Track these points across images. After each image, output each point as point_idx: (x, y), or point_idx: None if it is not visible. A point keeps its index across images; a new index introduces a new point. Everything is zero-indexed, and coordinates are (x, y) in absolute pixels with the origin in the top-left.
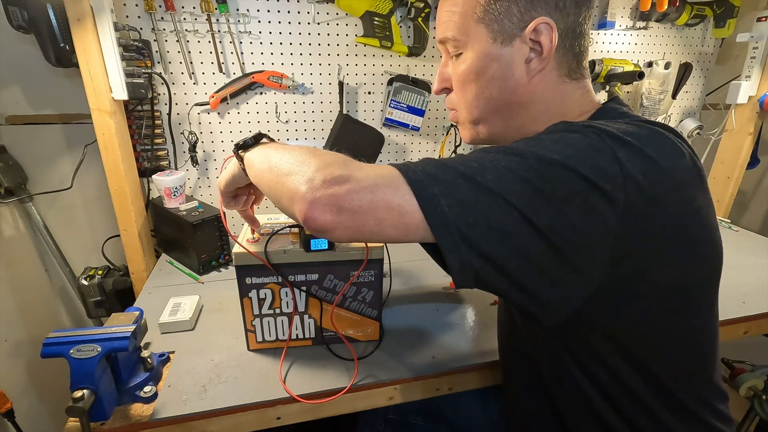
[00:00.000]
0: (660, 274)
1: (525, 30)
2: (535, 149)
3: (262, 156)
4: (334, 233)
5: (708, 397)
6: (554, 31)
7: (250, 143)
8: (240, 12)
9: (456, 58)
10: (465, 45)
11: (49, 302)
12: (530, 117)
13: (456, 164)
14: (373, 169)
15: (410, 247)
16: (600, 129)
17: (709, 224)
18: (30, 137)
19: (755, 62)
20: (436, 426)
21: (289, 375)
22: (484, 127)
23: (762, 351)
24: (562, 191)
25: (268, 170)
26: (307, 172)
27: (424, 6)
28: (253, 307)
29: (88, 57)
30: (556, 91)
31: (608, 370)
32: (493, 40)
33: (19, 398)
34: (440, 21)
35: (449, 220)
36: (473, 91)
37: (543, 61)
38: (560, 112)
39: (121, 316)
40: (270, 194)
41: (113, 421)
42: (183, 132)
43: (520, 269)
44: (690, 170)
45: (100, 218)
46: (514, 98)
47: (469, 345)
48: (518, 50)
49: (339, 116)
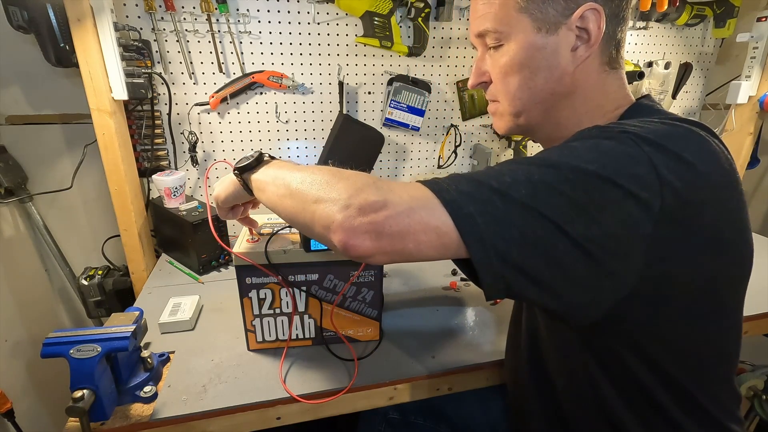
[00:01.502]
0: (693, 276)
1: (571, 17)
2: (569, 159)
3: (275, 179)
4: (374, 258)
5: (725, 399)
6: (602, 17)
7: (252, 165)
8: (240, 12)
9: (495, 51)
10: (507, 36)
11: (49, 302)
12: (571, 108)
13: (489, 179)
14: (406, 190)
15: None
16: (636, 135)
17: (743, 225)
18: (30, 137)
19: (755, 62)
20: (436, 425)
21: (289, 375)
22: (524, 118)
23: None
24: (597, 201)
25: (288, 196)
26: (340, 198)
27: (424, 6)
28: (253, 307)
29: (88, 57)
30: (597, 81)
31: (628, 370)
32: (537, 30)
33: (19, 398)
34: (476, 14)
35: (485, 237)
36: (516, 82)
37: (590, 48)
38: (599, 103)
39: (121, 316)
40: (293, 220)
41: (113, 421)
42: (183, 132)
43: (554, 278)
44: (726, 172)
45: (100, 218)
46: (558, 88)
47: (469, 345)
48: (564, 38)
49: (339, 116)
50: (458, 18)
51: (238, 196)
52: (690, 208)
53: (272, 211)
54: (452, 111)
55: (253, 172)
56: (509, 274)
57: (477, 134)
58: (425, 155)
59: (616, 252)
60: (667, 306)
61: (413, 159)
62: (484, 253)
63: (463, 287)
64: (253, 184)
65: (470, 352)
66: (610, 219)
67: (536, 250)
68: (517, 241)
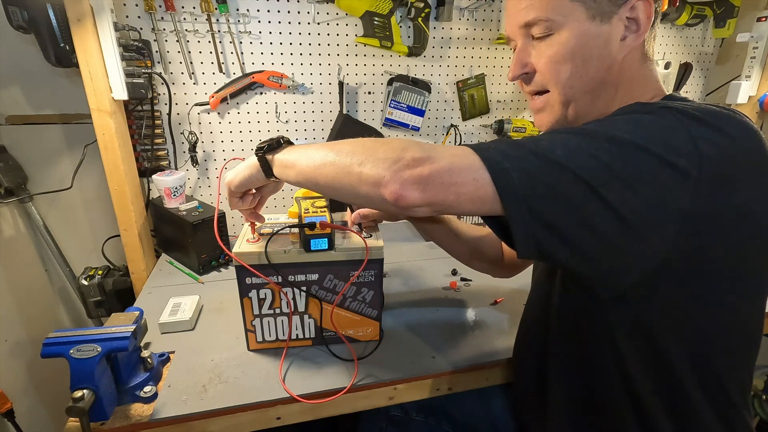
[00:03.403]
0: (725, 254)
1: (623, 7)
2: (606, 129)
3: (305, 155)
4: (420, 209)
5: (746, 385)
6: (652, 7)
7: (275, 146)
8: (240, 12)
9: (541, 41)
10: (560, 25)
11: (49, 302)
12: (616, 97)
13: (527, 143)
14: (448, 149)
15: (410, 247)
16: (676, 109)
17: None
18: (30, 137)
19: (755, 62)
20: (438, 423)
21: (289, 375)
22: (573, 108)
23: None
24: (632, 168)
25: (327, 165)
26: (387, 157)
27: (424, 6)
28: (253, 307)
29: (88, 57)
30: (639, 70)
31: (656, 350)
32: (591, 19)
33: (19, 398)
34: (521, 4)
35: (519, 192)
36: (569, 70)
37: (638, 38)
38: (640, 92)
39: (121, 316)
40: (333, 185)
41: (113, 421)
42: (183, 132)
43: (585, 239)
44: (766, 157)
45: (100, 218)
46: (608, 77)
47: (469, 345)
48: (615, 28)
49: (339, 116)
50: (458, 18)
51: (254, 180)
52: (727, 184)
53: (301, 186)
54: (452, 111)
55: (277, 152)
56: (540, 232)
57: (477, 134)
58: None
59: (650, 219)
60: (699, 282)
61: None
62: (516, 206)
63: (463, 287)
64: (276, 163)
65: (470, 352)
66: (646, 187)
67: (569, 208)
68: (550, 199)
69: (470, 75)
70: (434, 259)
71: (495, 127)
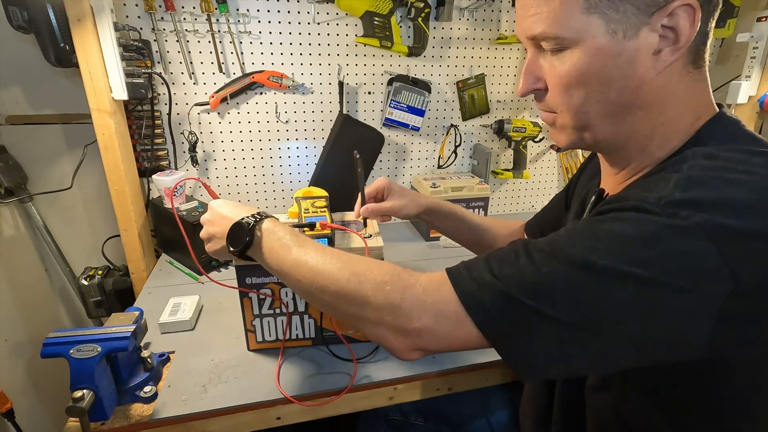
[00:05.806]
0: (762, 347)
1: (656, 15)
2: (617, 262)
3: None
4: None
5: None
6: (697, 13)
7: (248, 242)
8: (240, 12)
9: (553, 54)
10: (573, 42)
11: (49, 302)
12: (647, 120)
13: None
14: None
15: (410, 247)
16: (712, 226)
17: None
18: (30, 137)
19: (755, 62)
20: (437, 426)
21: (289, 375)
22: (590, 134)
23: None
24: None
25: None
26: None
27: (424, 6)
28: (253, 307)
29: (88, 57)
30: (679, 86)
31: None
32: (612, 33)
33: (19, 398)
34: (527, 11)
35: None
36: (582, 95)
37: (677, 51)
38: (679, 112)
39: (121, 316)
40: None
41: (113, 421)
42: (183, 132)
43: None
44: None
45: (100, 218)
46: (634, 100)
47: None
48: (644, 41)
49: (339, 116)
50: (458, 18)
51: (229, 256)
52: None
53: None
54: (452, 111)
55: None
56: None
57: (477, 134)
58: (425, 155)
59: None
60: (734, 379)
61: (413, 159)
62: (527, 371)
63: None
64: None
65: (470, 352)
66: (663, 324)
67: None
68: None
69: (470, 75)
70: (434, 259)
71: (495, 127)
